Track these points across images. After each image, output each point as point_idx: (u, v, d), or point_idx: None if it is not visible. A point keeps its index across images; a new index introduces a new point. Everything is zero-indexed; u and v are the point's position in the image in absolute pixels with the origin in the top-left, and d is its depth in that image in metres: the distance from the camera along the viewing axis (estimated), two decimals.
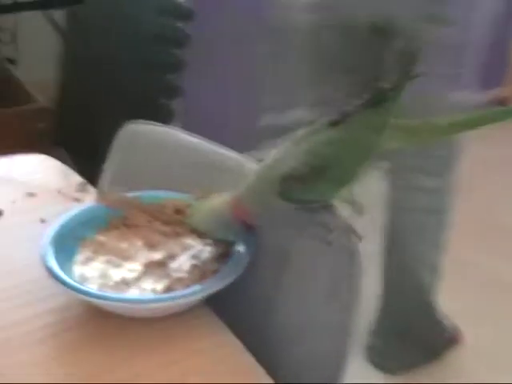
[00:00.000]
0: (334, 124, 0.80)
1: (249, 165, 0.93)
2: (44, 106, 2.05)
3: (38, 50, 2.48)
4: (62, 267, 0.83)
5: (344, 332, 0.86)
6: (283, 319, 0.87)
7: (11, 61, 2.41)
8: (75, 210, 0.91)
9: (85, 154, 2.31)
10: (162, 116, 2.31)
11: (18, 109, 2.03)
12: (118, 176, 1.02)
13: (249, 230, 0.86)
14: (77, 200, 1.01)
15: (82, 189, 1.03)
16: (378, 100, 0.78)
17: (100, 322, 0.81)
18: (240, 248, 0.86)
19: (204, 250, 0.88)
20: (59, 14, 2.31)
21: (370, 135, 0.80)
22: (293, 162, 0.80)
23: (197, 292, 0.80)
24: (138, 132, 1.03)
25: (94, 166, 2.37)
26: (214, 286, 0.81)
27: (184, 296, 0.80)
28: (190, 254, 0.87)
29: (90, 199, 1.01)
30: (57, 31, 2.28)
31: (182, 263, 0.86)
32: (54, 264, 0.83)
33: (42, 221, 0.97)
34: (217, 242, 0.88)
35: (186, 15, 2.16)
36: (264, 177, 0.82)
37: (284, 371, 0.84)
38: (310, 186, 0.80)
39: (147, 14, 2.22)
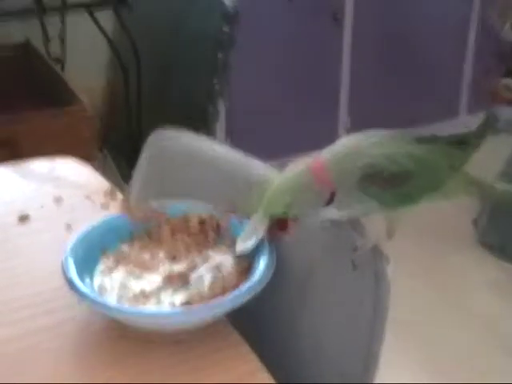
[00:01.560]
0: (419, 141, 0.82)
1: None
2: (90, 111, 2.06)
3: (85, 52, 2.51)
4: (82, 277, 0.83)
5: (369, 352, 0.83)
6: (306, 336, 0.85)
7: (59, 61, 2.43)
8: (100, 219, 0.91)
9: (129, 159, 2.34)
10: (207, 119, 2.31)
11: (65, 111, 2.05)
12: (146, 184, 1.01)
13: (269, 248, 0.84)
14: (104, 207, 1.01)
15: (110, 195, 1.02)
16: (462, 140, 0.83)
17: (118, 333, 0.80)
18: (262, 263, 0.84)
19: (225, 262, 0.86)
20: (106, 18, 2.33)
21: (444, 167, 0.83)
22: (375, 159, 0.80)
23: (214, 308, 0.79)
24: (167, 139, 1.02)
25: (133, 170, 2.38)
26: (232, 302, 0.79)
27: (199, 311, 0.79)
28: (210, 265, 0.86)
29: (117, 206, 1.00)
30: (103, 35, 2.30)
31: (203, 275, 0.85)
32: (73, 273, 0.82)
33: (68, 227, 0.97)
34: (240, 256, 0.86)
35: (233, 18, 2.16)
36: (351, 155, 0.81)
37: None
38: (381, 188, 0.80)
39: (194, 18, 2.23)
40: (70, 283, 0.81)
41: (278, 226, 0.82)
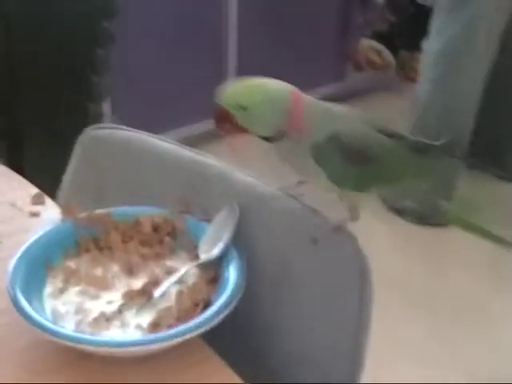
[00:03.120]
0: (390, 135, 0.80)
1: (235, 174, 0.84)
2: None
3: None
4: (30, 302, 0.73)
5: (355, 352, 0.78)
6: (284, 343, 0.79)
7: None
8: (39, 230, 0.80)
9: (6, 132, 2.17)
10: (90, 119, 2.19)
11: None
12: (80, 186, 0.91)
13: (238, 253, 0.78)
14: (34, 214, 0.90)
15: (38, 201, 0.91)
16: (425, 151, 0.82)
17: (81, 362, 0.71)
18: (233, 271, 0.77)
19: (190, 273, 0.79)
20: None
21: (405, 167, 0.82)
22: (348, 131, 0.78)
23: (188, 330, 0.71)
24: (100, 138, 0.91)
25: (16, 148, 2.21)
26: (208, 321, 0.72)
27: (175, 336, 0.70)
28: (174, 278, 0.78)
29: (48, 214, 0.89)
30: None
31: (167, 290, 0.77)
32: (23, 302, 0.72)
33: None
34: (205, 264, 0.79)
35: (111, 13, 2.03)
36: (329, 115, 0.78)
37: None
38: (342, 162, 0.77)
39: (71, 13, 2.08)
40: (22, 312, 0.71)
41: (219, 116, 0.75)
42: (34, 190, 0.93)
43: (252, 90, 0.75)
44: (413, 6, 2.72)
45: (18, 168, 1.97)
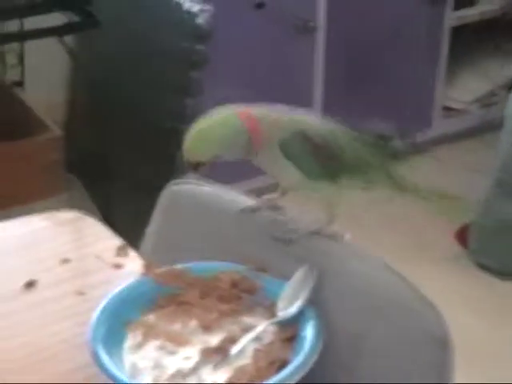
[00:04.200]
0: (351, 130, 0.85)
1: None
2: (57, 134, 1.95)
3: (45, 71, 2.39)
4: (111, 356, 0.74)
5: None
6: None
7: (18, 83, 2.31)
8: (120, 286, 0.82)
9: (96, 178, 2.23)
10: (175, 142, 2.22)
11: (31, 140, 1.93)
12: (161, 244, 0.92)
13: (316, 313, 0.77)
14: (117, 266, 0.92)
15: (121, 253, 0.93)
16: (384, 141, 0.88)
17: None
18: (310, 331, 0.76)
19: (267, 331, 0.79)
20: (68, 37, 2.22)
21: (372, 158, 0.86)
22: (317, 127, 0.84)
23: None
24: (181, 193, 0.93)
25: (105, 192, 2.27)
26: (285, 380, 0.71)
27: None
28: (251, 335, 0.78)
29: (131, 266, 0.91)
30: (67, 53, 2.18)
31: (244, 348, 0.77)
32: (104, 357, 0.73)
33: (80, 293, 0.87)
34: (282, 322, 0.79)
35: (205, 36, 2.07)
36: (283, 118, 0.83)
37: None
38: (310, 156, 0.82)
39: (164, 36, 2.13)
40: (102, 368, 0.73)
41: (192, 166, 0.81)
42: (119, 242, 0.95)
43: (204, 143, 0.80)
44: None
45: (107, 218, 2.02)
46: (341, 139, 0.84)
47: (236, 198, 0.90)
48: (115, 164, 2.16)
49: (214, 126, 0.80)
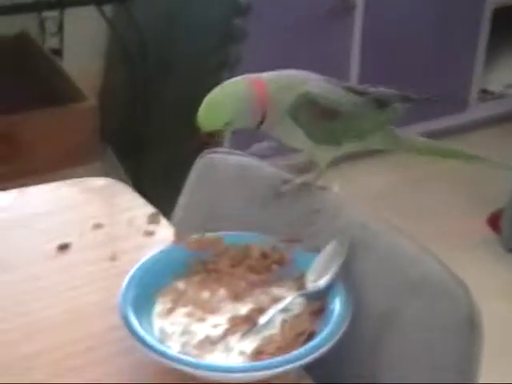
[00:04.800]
0: (352, 91, 0.87)
1: (346, 206, 0.84)
2: (93, 104, 1.96)
3: (84, 41, 2.40)
4: (140, 320, 0.75)
5: None
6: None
7: (56, 52, 2.33)
8: (151, 253, 0.83)
9: (129, 149, 2.24)
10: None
11: (67, 107, 1.95)
12: (194, 212, 0.93)
13: (345, 287, 0.77)
14: (148, 234, 0.92)
15: (153, 220, 0.94)
16: (383, 104, 0.88)
17: (181, 376, 0.72)
18: (339, 305, 0.76)
19: (296, 302, 0.79)
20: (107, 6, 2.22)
21: (371, 119, 0.88)
22: (320, 90, 0.85)
23: (289, 361, 0.71)
24: (213, 162, 0.93)
25: (138, 165, 2.29)
26: (312, 352, 0.72)
27: (279, 365, 0.71)
28: (280, 306, 0.78)
29: (162, 233, 0.92)
30: (106, 23, 2.19)
31: (272, 318, 0.77)
32: (133, 319, 0.74)
33: (112, 258, 0.88)
34: (311, 294, 0.79)
35: (244, 11, 2.06)
36: (292, 82, 0.85)
37: None
38: (314, 119, 0.84)
39: (202, 10, 2.13)
40: (130, 329, 0.73)
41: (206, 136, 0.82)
42: (151, 210, 0.96)
43: (214, 112, 0.82)
44: None
45: (139, 187, 2.03)
46: (344, 101, 0.86)
47: (271, 169, 0.90)
48: (149, 134, 2.18)
49: (223, 93, 0.82)
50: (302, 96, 0.83)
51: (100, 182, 1.05)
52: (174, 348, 0.74)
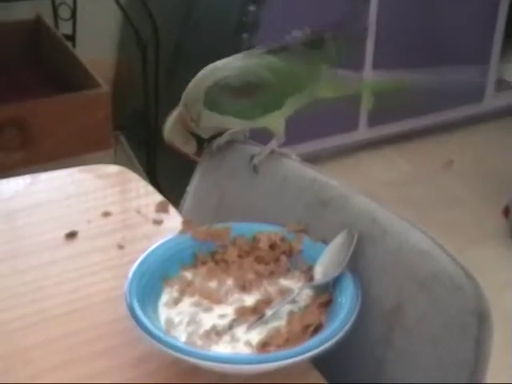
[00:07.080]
0: (273, 52, 0.87)
1: (355, 197, 0.83)
2: (106, 90, 1.95)
3: (97, 27, 2.40)
4: (146, 310, 0.74)
5: None
6: (391, 377, 0.77)
7: (69, 38, 2.32)
8: (160, 242, 0.82)
9: (142, 138, 2.23)
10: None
11: (79, 94, 1.94)
12: (200, 201, 0.92)
13: (354, 280, 0.76)
14: (157, 223, 0.92)
15: (162, 209, 0.93)
16: (317, 44, 0.88)
17: (188, 376, 0.72)
18: (347, 298, 0.75)
19: (303, 294, 0.78)
20: None
21: (303, 70, 0.88)
22: (228, 72, 0.86)
23: (302, 352, 0.70)
24: (225, 151, 0.92)
25: (151, 153, 2.28)
26: (320, 345, 0.71)
27: (286, 357, 0.70)
28: (287, 298, 0.77)
29: (170, 223, 0.91)
30: (119, 10, 2.18)
31: (279, 310, 0.76)
32: (138, 310, 0.73)
33: (120, 247, 0.88)
34: (319, 287, 0.78)
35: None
36: (199, 80, 0.87)
37: None
38: (236, 100, 0.85)
39: None
40: (136, 320, 0.73)
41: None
42: (160, 198, 0.95)
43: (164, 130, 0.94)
44: None
45: (151, 175, 2.02)
46: (262, 70, 0.86)
47: (279, 158, 0.89)
48: (162, 122, 2.17)
49: (172, 120, 0.93)
50: (209, 88, 0.86)
51: (111, 168, 1.05)
52: (180, 338, 0.74)
